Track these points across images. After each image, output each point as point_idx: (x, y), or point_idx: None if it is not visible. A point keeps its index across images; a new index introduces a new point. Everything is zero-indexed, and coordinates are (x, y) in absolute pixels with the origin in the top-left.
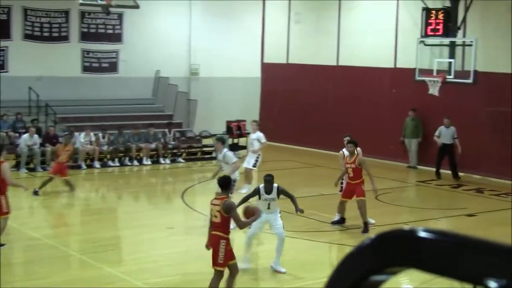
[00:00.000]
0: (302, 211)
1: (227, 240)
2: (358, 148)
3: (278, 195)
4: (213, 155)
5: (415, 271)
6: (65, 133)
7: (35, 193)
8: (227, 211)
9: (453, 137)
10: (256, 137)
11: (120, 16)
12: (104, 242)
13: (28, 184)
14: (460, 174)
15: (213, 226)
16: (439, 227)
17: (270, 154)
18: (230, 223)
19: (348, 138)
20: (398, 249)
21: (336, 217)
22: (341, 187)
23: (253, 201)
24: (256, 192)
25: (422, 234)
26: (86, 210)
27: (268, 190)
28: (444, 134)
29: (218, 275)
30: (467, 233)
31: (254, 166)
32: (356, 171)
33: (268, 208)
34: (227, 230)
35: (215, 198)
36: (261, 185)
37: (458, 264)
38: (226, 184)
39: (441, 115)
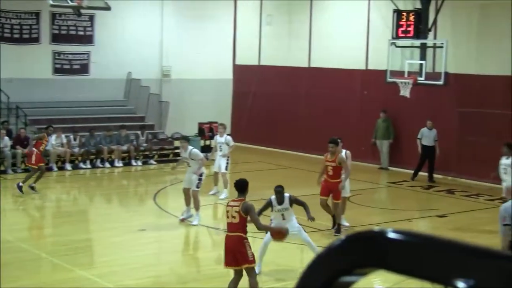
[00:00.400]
0: (313, 219)
1: (247, 239)
2: (344, 150)
3: (290, 204)
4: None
5: (385, 272)
6: (42, 129)
7: (32, 188)
8: (246, 212)
9: (435, 139)
10: (224, 141)
11: (91, 17)
12: (76, 245)
13: None
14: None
15: (230, 227)
16: (410, 228)
17: (242, 156)
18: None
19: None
20: (367, 250)
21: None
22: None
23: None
24: (269, 204)
25: (391, 235)
26: (58, 212)
27: (280, 201)
28: (426, 136)
29: (253, 273)
30: (438, 234)
31: (226, 169)
32: (335, 170)
33: (283, 219)
34: (246, 231)
35: (233, 200)
36: (273, 197)
37: (427, 265)
38: (243, 187)
39: (412, 117)
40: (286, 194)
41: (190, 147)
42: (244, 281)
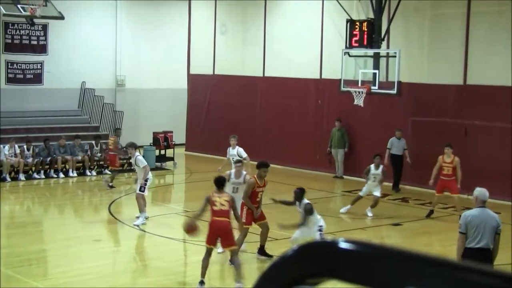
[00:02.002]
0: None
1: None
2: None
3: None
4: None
5: (338, 281)
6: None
7: None
8: (234, 201)
9: (404, 148)
10: (236, 153)
11: (44, 27)
12: (30, 256)
13: None
14: (385, 184)
15: (219, 214)
16: (365, 237)
17: (197, 166)
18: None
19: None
20: (320, 260)
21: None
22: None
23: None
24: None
25: (343, 245)
26: (11, 223)
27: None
28: (396, 145)
29: (236, 253)
30: (392, 243)
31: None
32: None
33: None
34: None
35: (216, 192)
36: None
37: (379, 274)
38: (223, 183)
39: (366, 125)
40: (305, 201)
41: (136, 154)
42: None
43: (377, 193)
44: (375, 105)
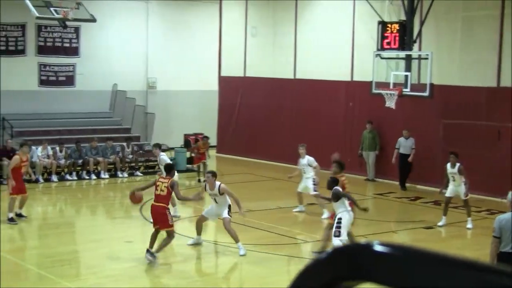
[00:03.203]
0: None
1: (169, 209)
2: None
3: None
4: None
5: (372, 285)
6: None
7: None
8: (172, 187)
9: (411, 147)
10: (307, 162)
11: (77, 29)
12: (62, 257)
13: None
14: (419, 187)
15: (158, 198)
16: (396, 240)
17: (227, 168)
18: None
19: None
20: (353, 263)
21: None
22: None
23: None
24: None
25: (378, 247)
26: (44, 224)
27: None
28: (403, 145)
29: (171, 234)
30: (424, 246)
31: (314, 190)
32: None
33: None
34: (168, 203)
35: (162, 177)
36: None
37: (413, 277)
38: (171, 168)
39: (398, 128)
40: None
41: (160, 154)
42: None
43: (462, 195)
44: (406, 108)
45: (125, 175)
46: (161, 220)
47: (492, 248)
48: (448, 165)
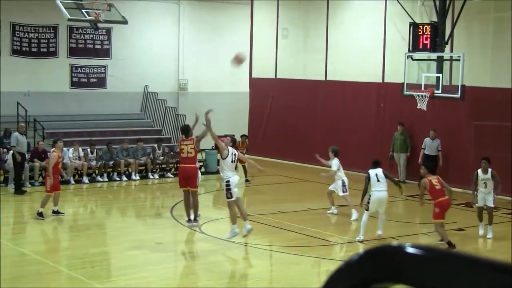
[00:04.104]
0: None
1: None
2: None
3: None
4: (202, 170)
5: (403, 287)
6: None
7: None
8: (198, 145)
9: (438, 149)
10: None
11: (108, 31)
12: (93, 258)
13: (15, 200)
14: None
15: (186, 161)
16: (428, 242)
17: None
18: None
19: None
20: (385, 265)
21: None
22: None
23: None
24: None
25: (410, 249)
26: (75, 225)
27: None
28: (429, 145)
29: (196, 195)
30: (457, 248)
31: (344, 191)
32: None
33: None
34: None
35: (183, 140)
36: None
37: (444, 280)
38: (188, 130)
39: (429, 130)
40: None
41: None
42: None
43: (490, 203)
44: (437, 109)
45: (156, 176)
46: (193, 181)
47: None
48: (479, 171)
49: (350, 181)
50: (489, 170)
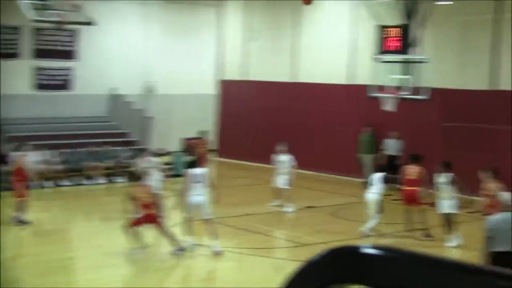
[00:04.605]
0: None
1: None
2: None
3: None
4: (170, 172)
5: (363, 287)
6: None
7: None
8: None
9: (399, 150)
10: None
11: (74, 33)
12: (56, 264)
13: None
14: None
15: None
16: (390, 243)
17: (226, 171)
18: None
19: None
20: (345, 265)
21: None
22: None
23: None
24: None
25: (370, 250)
26: (39, 230)
27: None
28: (391, 146)
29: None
30: (419, 249)
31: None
32: None
33: None
34: None
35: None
36: None
37: (404, 280)
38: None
39: (396, 131)
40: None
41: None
42: None
43: (453, 208)
44: (405, 111)
45: (123, 180)
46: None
47: (484, 248)
48: (438, 174)
49: (316, 181)
50: (447, 174)
